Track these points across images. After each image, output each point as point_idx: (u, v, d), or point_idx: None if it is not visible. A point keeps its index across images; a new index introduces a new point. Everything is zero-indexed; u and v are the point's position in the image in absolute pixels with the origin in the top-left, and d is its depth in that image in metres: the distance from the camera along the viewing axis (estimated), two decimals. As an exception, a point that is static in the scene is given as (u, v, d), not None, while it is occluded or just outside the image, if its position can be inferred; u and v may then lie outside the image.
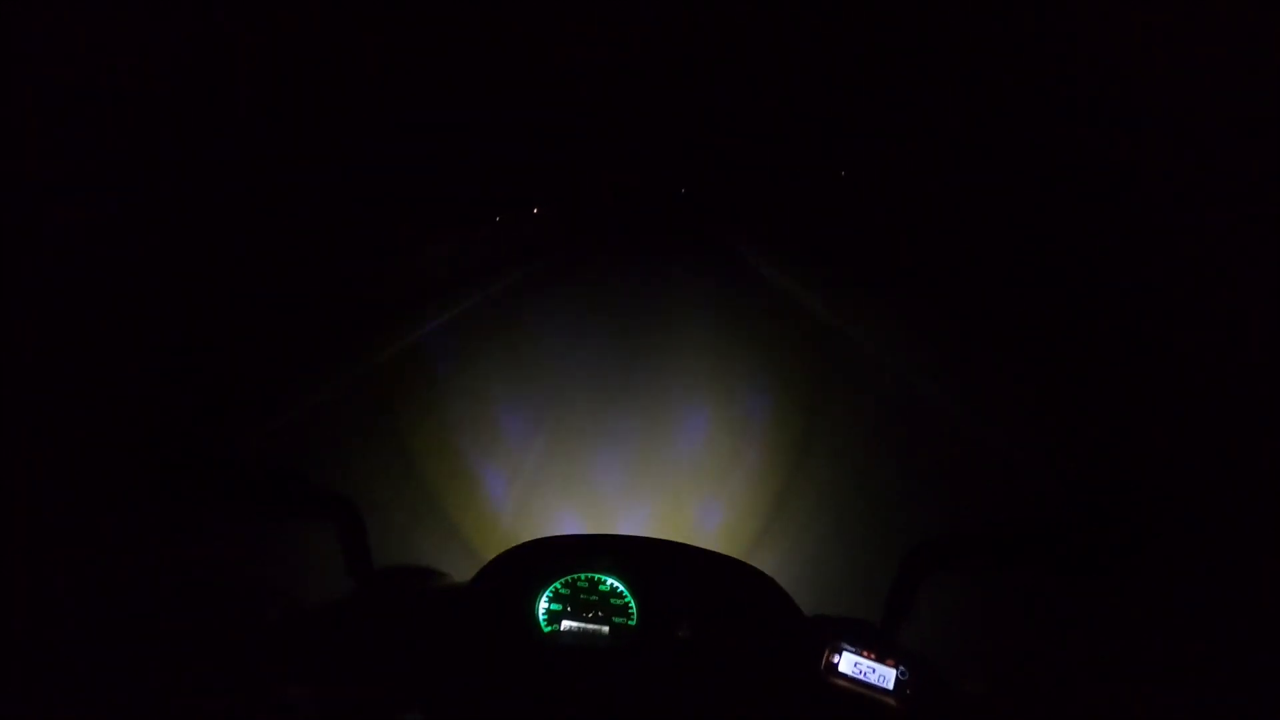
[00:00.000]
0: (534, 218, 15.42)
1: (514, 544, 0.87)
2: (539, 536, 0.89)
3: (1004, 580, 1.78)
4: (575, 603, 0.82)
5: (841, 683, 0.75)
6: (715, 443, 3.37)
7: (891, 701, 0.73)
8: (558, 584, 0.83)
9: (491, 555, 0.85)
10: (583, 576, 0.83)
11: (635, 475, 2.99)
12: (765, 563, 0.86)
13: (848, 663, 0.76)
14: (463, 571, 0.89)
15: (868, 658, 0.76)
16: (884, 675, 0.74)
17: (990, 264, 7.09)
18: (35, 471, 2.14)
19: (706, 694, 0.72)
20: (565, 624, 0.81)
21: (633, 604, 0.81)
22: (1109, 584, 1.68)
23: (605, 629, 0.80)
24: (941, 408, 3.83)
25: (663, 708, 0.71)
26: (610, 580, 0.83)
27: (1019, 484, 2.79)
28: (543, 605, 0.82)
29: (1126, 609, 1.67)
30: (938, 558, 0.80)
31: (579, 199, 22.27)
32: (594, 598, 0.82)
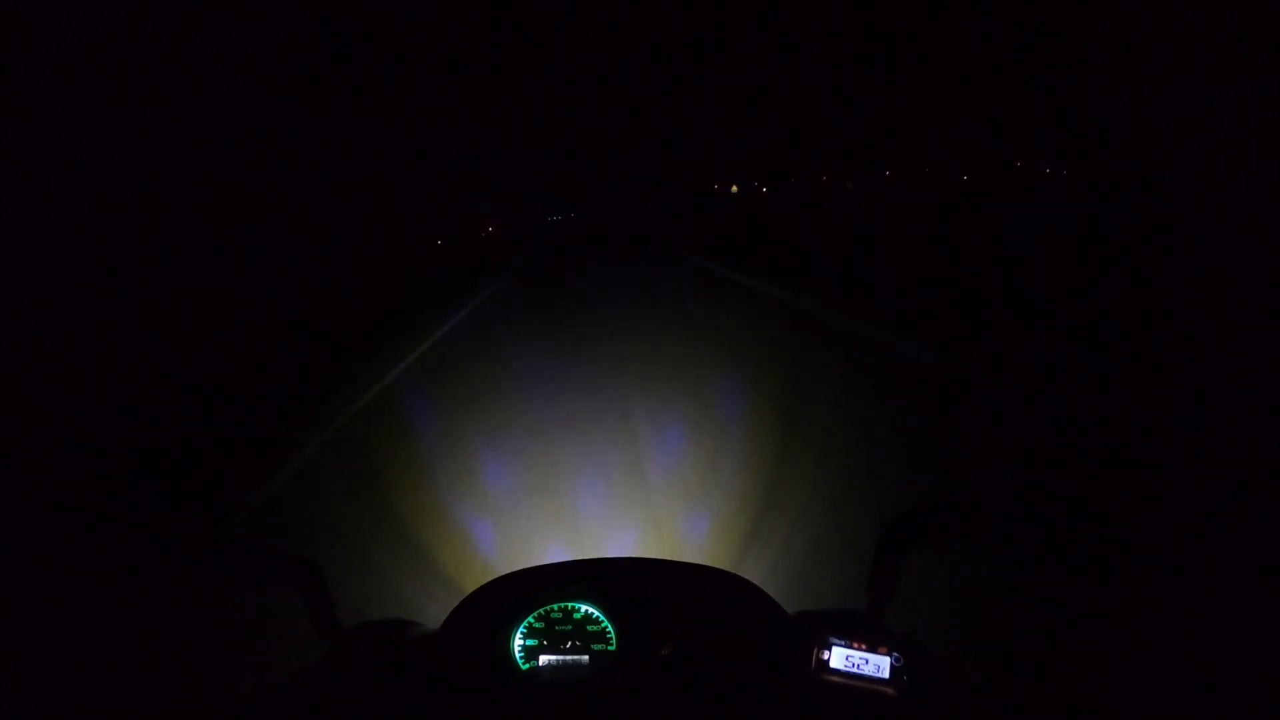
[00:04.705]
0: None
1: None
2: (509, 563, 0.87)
3: (990, 549, 1.73)
4: (551, 635, 0.79)
5: (835, 679, 0.72)
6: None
7: (889, 691, 0.70)
8: (530, 618, 0.80)
9: None
10: (555, 607, 0.80)
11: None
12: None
13: (838, 657, 0.73)
14: (439, 599, 0.86)
15: (859, 649, 0.72)
16: (878, 665, 0.71)
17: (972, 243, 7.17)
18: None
19: (697, 711, 0.69)
20: (543, 659, 0.78)
21: (610, 628, 0.78)
22: (1096, 549, 1.64)
23: (585, 658, 0.77)
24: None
25: None
26: (584, 607, 0.80)
27: (1003, 446, 2.74)
28: (518, 643, 0.79)
29: (1117, 573, 1.63)
30: (918, 532, 0.76)
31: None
32: (569, 627, 0.79)
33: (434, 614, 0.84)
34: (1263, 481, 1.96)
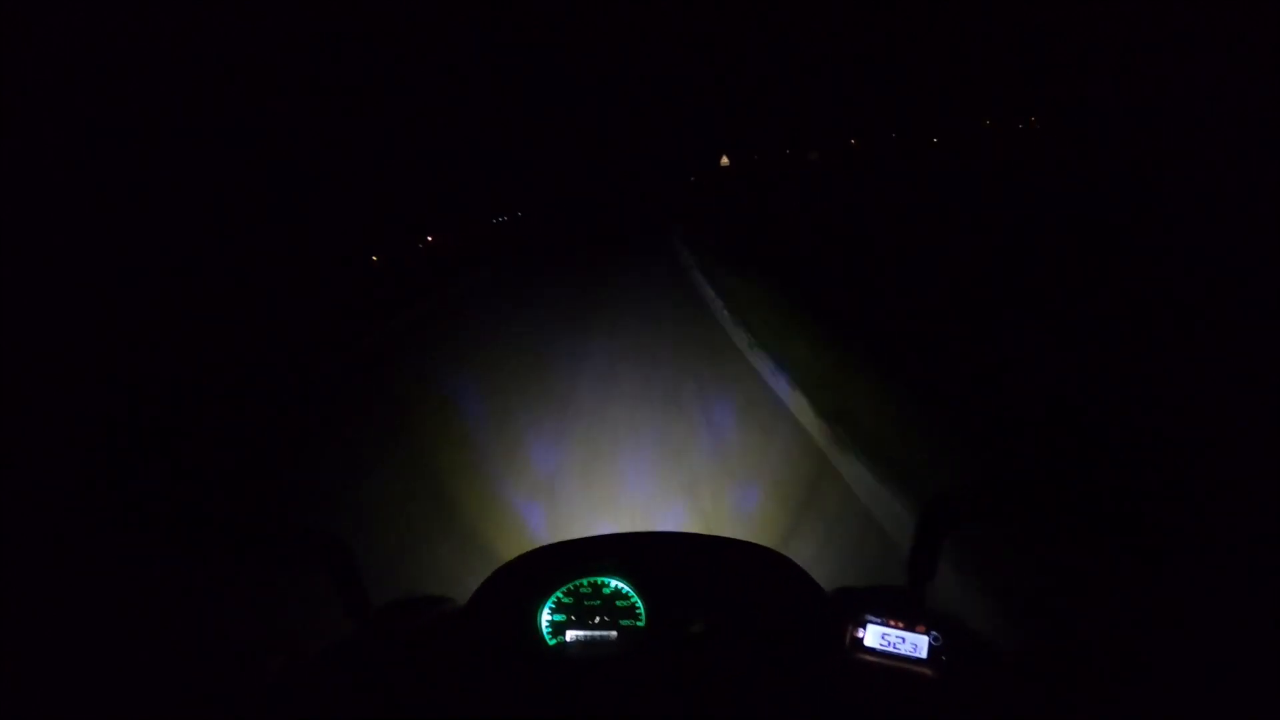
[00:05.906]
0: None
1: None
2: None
3: (1033, 528, 1.71)
4: (579, 610, 0.78)
5: (870, 658, 0.70)
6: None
7: (926, 671, 0.68)
8: (559, 593, 0.79)
9: None
10: (584, 582, 0.79)
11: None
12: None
13: (874, 635, 0.71)
14: (469, 573, 0.86)
15: (896, 627, 0.71)
16: (915, 644, 0.70)
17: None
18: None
19: (727, 690, 0.68)
20: (571, 634, 0.77)
21: (640, 604, 0.77)
22: (1141, 532, 1.62)
23: (613, 634, 0.76)
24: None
25: (682, 710, 0.67)
26: (614, 582, 0.79)
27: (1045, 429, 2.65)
28: (545, 618, 0.78)
29: (1163, 557, 1.60)
30: (960, 509, 0.74)
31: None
32: (598, 602, 0.78)
33: (471, 584, 0.84)
34: None
